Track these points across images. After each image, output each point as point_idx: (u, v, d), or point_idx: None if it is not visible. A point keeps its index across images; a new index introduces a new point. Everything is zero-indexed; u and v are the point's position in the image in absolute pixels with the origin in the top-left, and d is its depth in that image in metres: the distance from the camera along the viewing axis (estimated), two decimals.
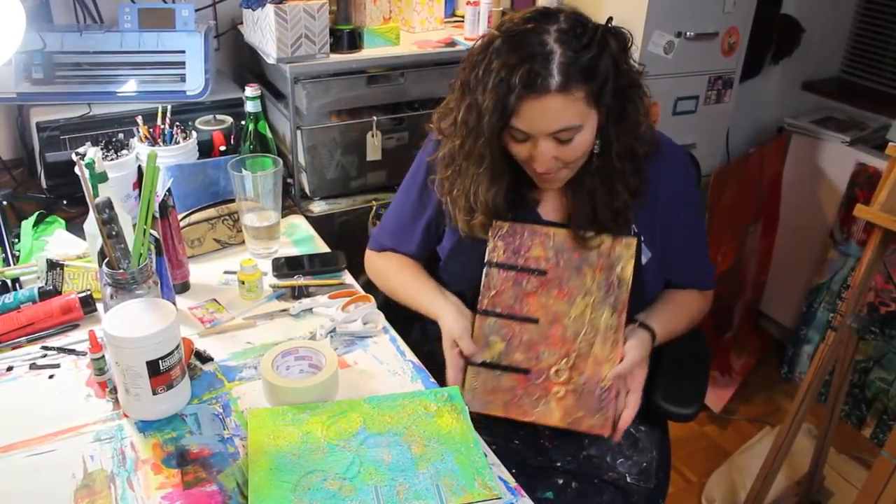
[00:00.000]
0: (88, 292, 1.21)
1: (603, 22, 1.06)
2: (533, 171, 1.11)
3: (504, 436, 1.19)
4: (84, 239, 1.29)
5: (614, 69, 1.03)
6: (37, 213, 1.48)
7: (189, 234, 1.38)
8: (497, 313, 1.16)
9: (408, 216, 1.31)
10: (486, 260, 1.17)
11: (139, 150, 1.46)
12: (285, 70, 1.65)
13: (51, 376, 1.09)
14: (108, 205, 0.96)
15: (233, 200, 1.43)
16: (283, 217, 1.48)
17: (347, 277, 1.38)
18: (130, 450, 0.96)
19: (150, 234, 1.05)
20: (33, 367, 1.10)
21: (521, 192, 1.19)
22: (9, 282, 1.27)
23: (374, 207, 1.83)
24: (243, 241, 1.44)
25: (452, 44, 1.87)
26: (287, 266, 1.36)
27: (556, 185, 1.15)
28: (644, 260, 1.19)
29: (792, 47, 2.51)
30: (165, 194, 1.22)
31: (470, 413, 1.02)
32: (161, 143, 1.53)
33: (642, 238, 1.19)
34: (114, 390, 1.04)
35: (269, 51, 1.67)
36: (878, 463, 1.41)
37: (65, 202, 1.57)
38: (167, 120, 1.55)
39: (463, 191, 1.16)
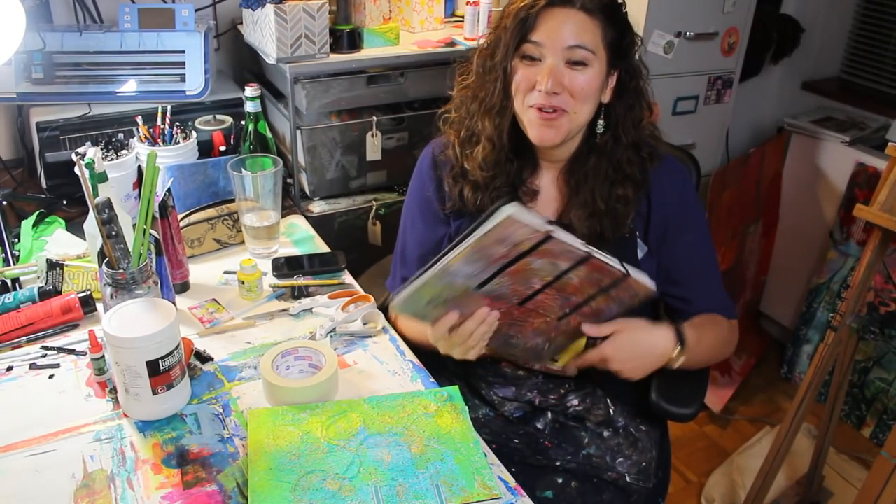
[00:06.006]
0: (88, 292, 1.21)
1: None
2: (533, 112, 1.10)
3: (504, 435, 1.19)
4: (84, 239, 1.29)
5: (630, 38, 1.12)
6: (37, 213, 1.48)
7: (189, 234, 1.38)
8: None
9: (430, 243, 1.26)
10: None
11: (139, 150, 1.46)
12: (285, 70, 1.65)
13: (51, 376, 1.09)
14: (108, 205, 0.97)
15: (233, 200, 1.43)
16: (282, 217, 1.48)
17: (347, 277, 1.38)
18: (130, 450, 0.96)
19: (150, 234, 1.05)
20: (33, 367, 1.10)
21: (522, 178, 1.19)
22: (9, 282, 1.27)
23: (374, 207, 1.83)
24: (243, 241, 1.44)
25: (452, 44, 1.87)
26: (287, 266, 1.36)
27: (553, 134, 1.10)
28: (640, 255, 1.19)
29: (792, 47, 2.52)
30: (165, 194, 1.22)
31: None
32: (161, 143, 1.53)
33: (637, 234, 1.19)
34: (114, 390, 1.05)
35: (269, 51, 1.67)
36: (877, 463, 1.42)
37: (65, 202, 1.57)
38: (167, 120, 1.55)
39: (469, 128, 1.19)
